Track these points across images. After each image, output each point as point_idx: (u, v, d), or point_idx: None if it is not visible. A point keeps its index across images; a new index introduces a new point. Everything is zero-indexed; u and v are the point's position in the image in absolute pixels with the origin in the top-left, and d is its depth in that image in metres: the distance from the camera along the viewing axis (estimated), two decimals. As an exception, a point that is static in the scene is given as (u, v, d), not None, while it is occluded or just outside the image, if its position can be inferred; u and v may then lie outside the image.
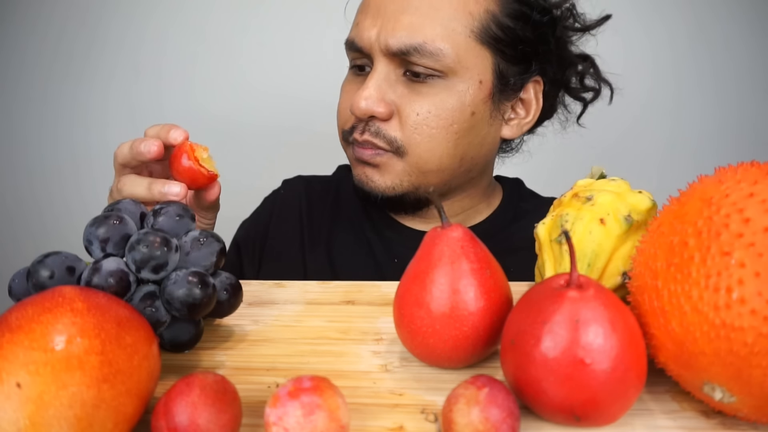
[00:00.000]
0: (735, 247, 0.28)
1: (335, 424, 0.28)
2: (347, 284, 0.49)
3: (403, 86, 0.59)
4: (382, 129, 0.60)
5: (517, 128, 0.66)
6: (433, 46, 0.57)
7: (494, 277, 0.35)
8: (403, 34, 0.57)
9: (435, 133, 0.59)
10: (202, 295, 0.35)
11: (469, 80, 0.59)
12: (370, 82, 0.59)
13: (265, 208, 0.78)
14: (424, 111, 0.58)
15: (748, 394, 0.28)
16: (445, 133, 0.59)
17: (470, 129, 0.61)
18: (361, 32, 0.60)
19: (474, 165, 0.64)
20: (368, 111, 0.58)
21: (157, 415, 0.29)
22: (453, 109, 0.59)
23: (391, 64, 0.59)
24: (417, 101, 0.59)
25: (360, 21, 0.61)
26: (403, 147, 0.60)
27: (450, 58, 0.57)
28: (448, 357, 0.35)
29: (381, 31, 0.58)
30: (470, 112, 0.60)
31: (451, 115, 0.59)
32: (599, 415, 0.30)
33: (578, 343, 0.29)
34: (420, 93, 0.59)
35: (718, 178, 0.32)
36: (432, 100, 0.59)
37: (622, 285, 0.40)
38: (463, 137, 0.60)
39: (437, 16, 0.58)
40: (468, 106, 0.59)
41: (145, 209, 0.40)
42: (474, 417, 0.28)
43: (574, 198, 0.42)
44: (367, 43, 0.59)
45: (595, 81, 0.72)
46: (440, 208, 0.35)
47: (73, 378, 0.26)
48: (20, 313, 0.28)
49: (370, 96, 0.58)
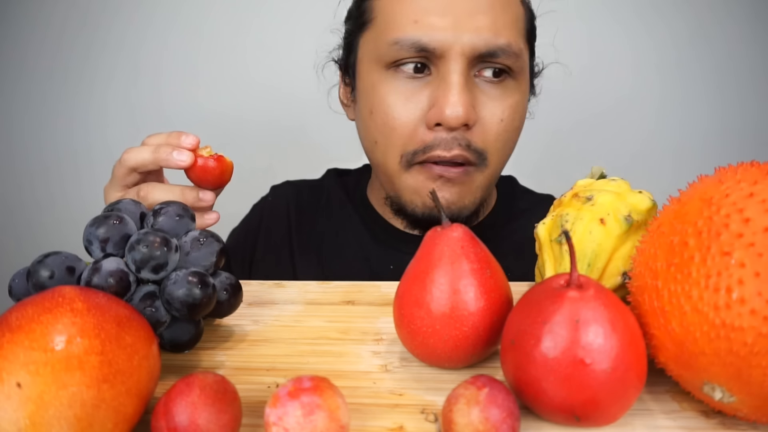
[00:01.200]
0: (735, 247, 0.28)
1: (335, 424, 0.28)
2: (347, 284, 0.49)
3: (479, 91, 0.56)
4: (467, 138, 0.55)
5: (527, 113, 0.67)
6: (516, 47, 0.55)
7: (494, 277, 0.35)
8: (489, 34, 0.54)
9: (510, 138, 0.57)
10: (202, 295, 0.35)
11: (526, 80, 0.59)
12: (455, 87, 0.53)
13: (254, 215, 0.77)
14: (507, 116, 0.56)
15: (748, 394, 0.28)
16: (514, 137, 0.58)
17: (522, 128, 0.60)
18: (430, 32, 0.54)
19: None
20: (465, 118, 0.53)
21: (157, 415, 0.29)
22: (522, 111, 0.58)
23: (469, 65, 0.55)
24: (497, 106, 0.56)
25: (420, 18, 0.55)
26: (487, 158, 0.56)
27: (523, 59, 0.57)
28: (448, 357, 0.35)
29: (462, 32, 0.53)
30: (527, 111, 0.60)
31: (521, 118, 0.58)
32: (599, 415, 0.30)
33: (578, 343, 0.29)
34: (496, 97, 0.56)
35: (718, 178, 0.32)
36: (509, 104, 0.56)
37: (622, 285, 0.40)
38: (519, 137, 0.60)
39: (508, 17, 0.56)
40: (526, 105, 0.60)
41: (145, 209, 0.40)
42: (474, 417, 0.28)
43: (574, 198, 0.42)
44: (443, 44, 0.54)
45: None
46: (440, 209, 0.35)
47: (73, 378, 0.26)
48: (20, 313, 0.28)
49: (463, 102, 0.53)
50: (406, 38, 0.55)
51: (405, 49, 0.55)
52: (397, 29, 0.56)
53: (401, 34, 0.55)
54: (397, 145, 0.57)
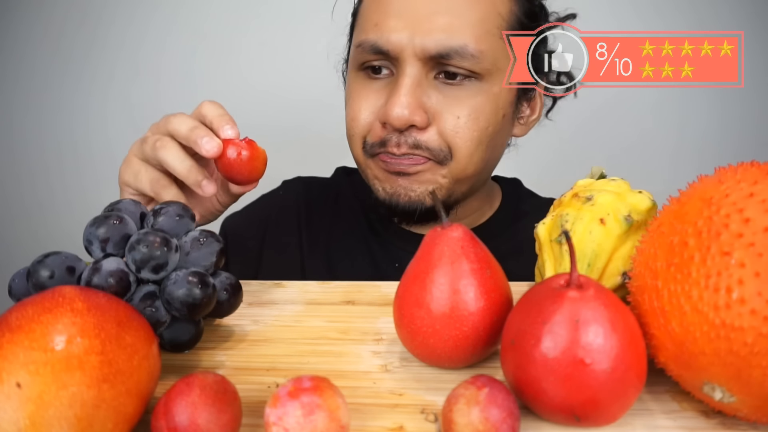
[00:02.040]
0: (735, 247, 0.28)
1: (335, 424, 0.28)
2: (347, 284, 0.49)
3: (436, 92, 0.57)
4: (421, 140, 0.56)
5: (525, 127, 0.65)
6: (474, 49, 0.54)
7: (494, 277, 0.35)
8: (442, 36, 0.54)
9: (475, 136, 0.57)
10: (202, 295, 0.35)
11: (500, 82, 0.58)
12: (402, 89, 0.55)
13: (262, 207, 0.77)
14: (465, 114, 0.56)
15: (748, 394, 0.28)
16: (483, 137, 0.58)
17: (500, 132, 0.60)
18: (386, 34, 0.55)
19: (492, 167, 0.64)
20: (408, 120, 0.54)
21: (157, 415, 0.29)
22: (490, 112, 0.57)
23: (423, 68, 0.55)
24: (454, 105, 0.56)
25: (380, 21, 0.57)
26: (447, 154, 0.57)
27: (488, 61, 0.56)
28: (448, 357, 0.35)
29: (415, 34, 0.54)
30: (502, 115, 0.59)
31: (488, 118, 0.57)
32: (599, 415, 0.30)
33: (578, 343, 0.29)
34: (456, 98, 0.56)
35: (718, 178, 0.32)
36: (469, 104, 0.56)
37: (622, 285, 0.39)
38: (493, 140, 0.59)
39: (471, 16, 0.55)
40: (500, 108, 0.59)
41: (145, 209, 0.40)
42: (474, 417, 0.28)
43: (574, 198, 0.42)
44: (398, 46, 0.55)
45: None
46: (440, 209, 0.35)
47: (73, 378, 0.26)
48: (20, 313, 0.28)
49: (408, 104, 0.54)
50: (367, 41, 0.57)
51: (366, 51, 0.58)
52: (362, 32, 0.59)
53: (364, 36, 0.58)
54: (360, 136, 0.60)
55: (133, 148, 0.51)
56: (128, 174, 0.50)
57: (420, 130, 0.56)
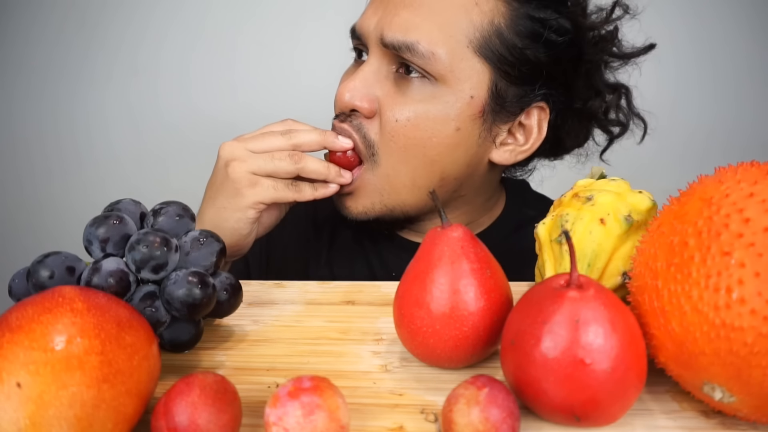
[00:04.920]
0: (735, 247, 0.28)
1: (335, 424, 0.28)
2: (347, 284, 0.49)
3: (391, 84, 0.56)
4: (364, 126, 0.57)
5: (510, 154, 0.59)
6: (425, 48, 0.53)
7: (494, 277, 0.35)
8: (399, 29, 0.54)
9: (411, 144, 0.55)
10: (202, 295, 0.35)
11: (459, 93, 0.55)
12: (359, 74, 0.57)
13: None
14: (404, 118, 0.55)
15: (748, 394, 0.28)
16: (422, 146, 0.55)
17: (453, 146, 0.56)
18: (363, 20, 0.58)
19: (459, 185, 0.60)
20: (350, 104, 0.56)
21: (157, 415, 0.29)
22: (435, 120, 0.55)
23: (384, 57, 0.56)
24: (399, 105, 0.55)
25: (366, 9, 0.60)
26: (378, 154, 0.56)
27: (443, 65, 0.53)
28: (448, 357, 0.35)
29: (379, 22, 0.56)
30: (454, 127, 0.55)
31: (432, 127, 0.55)
32: (599, 415, 0.30)
33: (578, 343, 0.29)
34: (405, 95, 0.55)
35: (718, 178, 0.32)
36: (415, 107, 0.55)
37: (622, 285, 0.40)
38: (443, 154, 0.56)
39: (437, 17, 0.54)
40: (452, 120, 0.55)
41: (145, 209, 0.40)
42: (474, 417, 0.28)
43: (574, 198, 0.42)
44: (365, 32, 0.57)
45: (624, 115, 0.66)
46: (440, 209, 0.35)
47: (73, 378, 0.26)
48: (20, 313, 0.28)
49: (355, 88, 0.56)
50: (352, 26, 0.61)
51: (351, 36, 0.61)
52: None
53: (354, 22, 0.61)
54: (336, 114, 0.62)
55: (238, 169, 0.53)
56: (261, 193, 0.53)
57: (365, 118, 0.57)
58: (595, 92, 0.62)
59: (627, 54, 0.63)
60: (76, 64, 1.27)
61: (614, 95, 0.64)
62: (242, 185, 0.53)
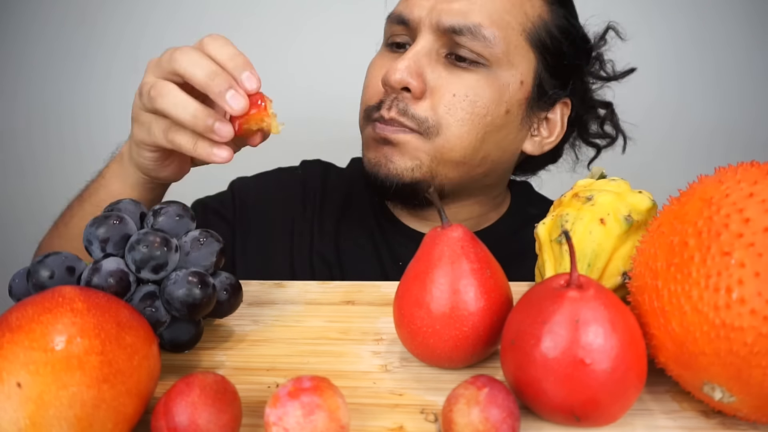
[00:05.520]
0: (735, 247, 0.28)
1: (335, 424, 0.28)
2: (347, 284, 0.49)
3: (443, 68, 0.58)
4: (411, 108, 0.57)
5: (538, 146, 0.65)
6: (488, 31, 0.56)
7: (494, 277, 0.35)
8: (459, 12, 0.56)
9: (468, 119, 0.57)
10: (202, 295, 0.35)
11: (512, 77, 0.58)
12: (409, 53, 0.57)
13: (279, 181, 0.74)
14: (462, 93, 0.57)
15: (748, 394, 0.28)
16: (478, 123, 0.57)
17: (501, 127, 0.59)
18: (411, 6, 0.58)
19: (493, 169, 0.63)
20: (402, 81, 0.56)
21: (157, 415, 0.29)
22: (491, 100, 0.57)
23: (437, 41, 0.57)
24: (455, 83, 0.57)
25: None
26: (434, 127, 0.57)
27: (500, 48, 0.57)
28: (448, 357, 0.35)
29: (435, 7, 0.57)
30: (505, 110, 0.59)
31: (488, 105, 0.57)
32: (599, 415, 0.30)
33: (578, 343, 0.29)
34: (460, 77, 0.57)
35: (718, 178, 0.32)
36: (472, 84, 0.57)
37: (622, 285, 0.40)
38: (492, 133, 0.59)
39: (494, 5, 0.57)
40: (505, 102, 0.58)
41: (145, 209, 0.40)
42: (474, 417, 0.28)
43: (574, 198, 0.42)
44: (416, 16, 0.58)
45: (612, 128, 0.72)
46: (440, 209, 0.35)
47: (73, 378, 0.26)
48: (20, 313, 0.28)
49: (408, 67, 0.56)
50: (395, 12, 0.61)
51: (393, 22, 0.60)
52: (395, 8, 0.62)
53: (395, 9, 0.61)
54: (364, 101, 0.62)
55: (136, 101, 0.46)
56: (141, 132, 0.45)
57: (414, 99, 0.57)
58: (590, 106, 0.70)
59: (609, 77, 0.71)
60: (76, 62, 1.26)
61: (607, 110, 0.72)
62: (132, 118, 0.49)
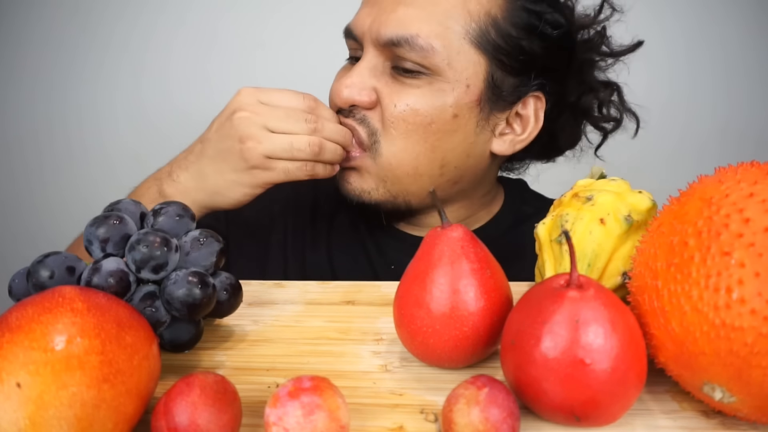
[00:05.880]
0: (735, 247, 0.28)
1: (335, 424, 0.28)
2: (347, 284, 0.49)
3: (390, 80, 0.58)
4: (367, 117, 0.58)
5: (509, 144, 0.61)
6: (424, 42, 0.55)
7: (494, 277, 0.35)
8: (396, 24, 0.55)
9: (412, 129, 0.57)
10: (202, 295, 0.35)
11: (456, 82, 0.56)
12: (355, 70, 0.58)
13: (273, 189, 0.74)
14: (403, 104, 0.56)
15: (748, 394, 0.28)
16: (422, 131, 0.57)
17: (452, 132, 0.57)
18: (357, 20, 0.59)
19: (460, 176, 0.61)
20: (349, 99, 0.57)
21: (157, 415, 0.29)
22: (433, 107, 0.56)
23: (380, 55, 0.57)
24: (398, 93, 0.57)
25: (359, 10, 0.61)
26: (379, 142, 0.57)
27: (440, 57, 0.55)
28: (448, 357, 0.35)
29: (375, 20, 0.57)
30: (452, 114, 0.57)
31: (431, 113, 0.56)
32: (599, 415, 0.30)
33: (578, 343, 0.29)
34: (404, 84, 0.57)
35: (718, 178, 0.32)
36: (413, 93, 0.56)
37: (622, 285, 0.40)
38: (443, 140, 0.57)
39: (434, 11, 0.56)
40: (450, 106, 0.56)
41: (145, 209, 0.40)
42: (474, 417, 0.28)
43: (574, 198, 0.42)
44: (360, 32, 0.58)
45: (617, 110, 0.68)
46: (440, 209, 0.35)
47: (73, 378, 0.26)
48: (20, 313, 0.28)
49: (352, 84, 0.57)
50: (346, 28, 0.61)
51: (345, 37, 0.62)
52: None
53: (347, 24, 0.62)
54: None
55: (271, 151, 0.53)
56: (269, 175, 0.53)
57: (367, 110, 0.58)
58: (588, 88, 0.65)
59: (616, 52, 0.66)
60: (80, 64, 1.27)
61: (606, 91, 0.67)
62: (255, 166, 0.53)
